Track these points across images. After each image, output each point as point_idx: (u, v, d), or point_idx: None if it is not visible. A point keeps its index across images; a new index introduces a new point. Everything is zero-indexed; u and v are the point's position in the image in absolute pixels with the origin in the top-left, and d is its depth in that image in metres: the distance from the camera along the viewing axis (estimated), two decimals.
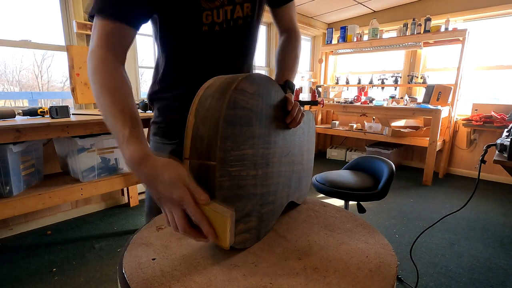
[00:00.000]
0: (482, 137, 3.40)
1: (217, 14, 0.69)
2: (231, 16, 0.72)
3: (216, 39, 0.73)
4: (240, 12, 0.72)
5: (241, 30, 0.76)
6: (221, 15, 0.70)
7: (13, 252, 1.83)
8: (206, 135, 0.48)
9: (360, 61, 4.51)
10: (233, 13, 0.72)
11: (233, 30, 0.74)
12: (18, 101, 2.49)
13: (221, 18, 0.70)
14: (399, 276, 1.62)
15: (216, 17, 0.70)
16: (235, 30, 0.74)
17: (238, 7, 0.72)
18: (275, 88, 0.61)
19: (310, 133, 0.82)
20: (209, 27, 0.70)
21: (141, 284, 0.46)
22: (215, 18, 0.70)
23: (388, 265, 0.52)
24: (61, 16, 2.17)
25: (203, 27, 0.70)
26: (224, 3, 0.70)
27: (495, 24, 3.36)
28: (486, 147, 1.03)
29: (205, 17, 0.69)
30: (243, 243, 0.56)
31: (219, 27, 0.71)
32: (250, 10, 0.74)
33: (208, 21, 0.70)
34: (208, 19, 0.69)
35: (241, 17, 0.73)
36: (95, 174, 1.90)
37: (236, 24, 0.73)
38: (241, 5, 0.72)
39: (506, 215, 2.45)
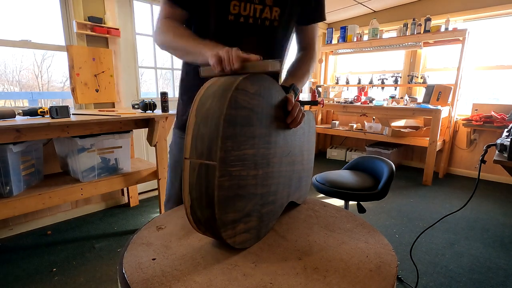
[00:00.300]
0: (482, 137, 3.40)
1: (244, 7, 0.75)
2: (259, 14, 0.77)
3: (241, 30, 0.77)
4: (268, 13, 0.77)
5: (267, 31, 0.80)
6: (248, 9, 0.75)
7: (13, 252, 1.83)
8: (207, 135, 0.48)
9: (360, 61, 4.51)
10: (262, 13, 0.77)
11: (259, 28, 0.78)
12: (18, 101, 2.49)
13: (248, 12, 0.76)
14: (399, 276, 1.62)
15: (243, 9, 0.75)
16: (261, 29, 0.79)
17: (267, 8, 0.77)
18: (276, 88, 0.61)
19: (310, 133, 0.82)
20: (235, 17, 0.76)
21: (141, 284, 0.46)
22: (241, 11, 0.75)
23: (388, 265, 0.52)
24: (61, 16, 2.17)
25: (229, 16, 0.75)
26: (254, 1, 0.75)
27: (495, 24, 3.36)
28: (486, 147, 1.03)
29: (233, 6, 0.75)
30: (243, 243, 0.56)
31: (244, 19, 0.76)
32: (279, 15, 0.79)
33: (235, 11, 0.75)
34: (236, 9, 0.75)
35: (268, 18, 0.78)
36: (95, 174, 1.90)
37: (263, 23, 0.78)
38: (270, 8, 0.77)
39: (506, 215, 2.45)
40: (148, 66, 2.81)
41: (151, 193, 2.81)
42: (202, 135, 0.49)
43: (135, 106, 2.20)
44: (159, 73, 3.05)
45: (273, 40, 0.83)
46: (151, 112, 1.99)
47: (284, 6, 0.78)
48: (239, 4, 0.74)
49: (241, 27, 0.77)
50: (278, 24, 0.79)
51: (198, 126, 0.50)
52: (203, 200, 0.50)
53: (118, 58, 2.42)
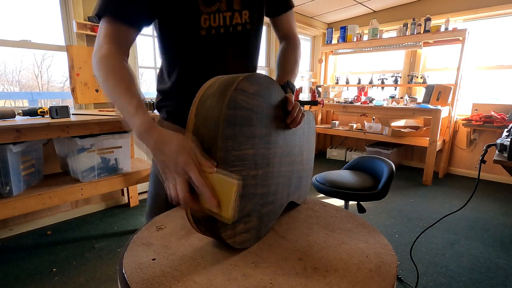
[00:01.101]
0: (482, 137, 3.40)
1: (214, 19, 0.72)
2: (230, 22, 0.74)
3: (214, 43, 0.74)
4: (238, 18, 0.75)
5: (241, 36, 0.77)
6: (217, 19, 0.72)
7: (13, 252, 1.83)
8: (207, 135, 0.48)
9: (360, 61, 4.51)
10: (232, 20, 0.74)
11: (232, 36, 0.76)
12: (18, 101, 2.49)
13: (217, 23, 0.73)
14: (399, 276, 1.62)
15: (213, 21, 0.72)
16: (235, 36, 0.76)
17: (237, 14, 0.74)
18: (275, 88, 0.61)
19: (310, 133, 0.82)
20: (206, 31, 0.72)
21: (141, 284, 0.46)
22: (211, 22, 0.72)
23: (388, 265, 0.52)
24: (61, 16, 2.17)
25: (201, 32, 0.72)
26: (222, 9, 0.72)
27: (495, 24, 3.36)
28: (486, 147, 1.03)
29: (203, 21, 0.71)
30: (243, 243, 0.56)
31: (216, 31, 0.73)
32: (249, 17, 0.76)
33: (206, 25, 0.72)
34: (206, 23, 0.72)
35: (240, 23, 0.75)
36: (95, 174, 1.90)
37: (235, 30, 0.76)
38: (239, 12, 0.74)
39: (506, 215, 2.45)
40: (148, 66, 2.81)
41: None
42: (202, 135, 0.49)
43: None
44: None
45: (249, 44, 0.81)
46: (151, 112, 1.99)
47: (252, 7, 0.76)
48: (208, 17, 0.71)
49: (215, 40, 0.74)
50: (250, 26, 0.78)
51: (197, 126, 0.50)
52: None
53: None
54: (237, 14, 0.74)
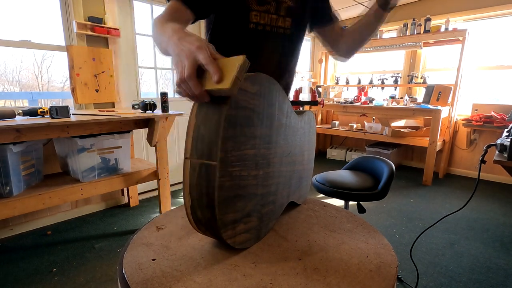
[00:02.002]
0: (482, 137, 3.40)
1: (262, 17, 0.86)
2: (275, 23, 0.88)
3: (260, 37, 0.87)
4: (281, 23, 0.89)
5: (281, 38, 0.91)
6: (266, 18, 0.86)
7: (13, 252, 1.83)
8: (207, 135, 0.48)
9: (360, 61, 4.51)
10: (277, 22, 0.89)
11: (274, 35, 0.89)
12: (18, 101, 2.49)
13: (265, 21, 0.87)
14: (399, 276, 1.62)
15: (262, 18, 0.86)
16: (276, 36, 0.89)
17: (281, 19, 0.88)
18: (276, 88, 0.61)
19: (310, 133, 0.82)
20: (255, 25, 0.85)
21: (141, 284, 0.46)
22: (260, 19, 0.86)
23: (388, 265, 0.52)
24: (61, 16, 2.17)
25: (250, 25, 0.85)
26: (271, 11, 0.86)
27: (495, 24, 3.36)
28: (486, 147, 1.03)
29: (253, 16, 0.85)
30: (243, 243, 0.56)
31: (262, 27, 0.87)
32: (290, 25, 0.90)
33: (256, 20, 0.85)
34: (256, 18, 0.85)
35: (281, 27, 0.89)
36: (95, 174, 1.90)
37: (278, 31, 0.89)
38: (283, 18, 0.89)
39: (506, 215, 2.45)
40: (148, 66, 2.81)
41: (151, 193, 2.81)
42: (203, 135, 0.49)
43: (135, 106, 2.20)
44: (159, 73, 3.05)
45: (286, 47, 0.94)
46: (151, 112, 1.99)
47: (295, 17, 0.91)
48: (258, 14, 0.85)
49: (260, 34, 0.87)
50: (290, 32, 0.91)
51: (198, 126, 0.50)
52: (203, 200, 0.50)
53: (118, 58, 2.42)
54: (282, 19, 0.88)
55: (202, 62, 0.47)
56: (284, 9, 0.88)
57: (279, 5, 0.87)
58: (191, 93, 0.49)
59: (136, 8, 2.56)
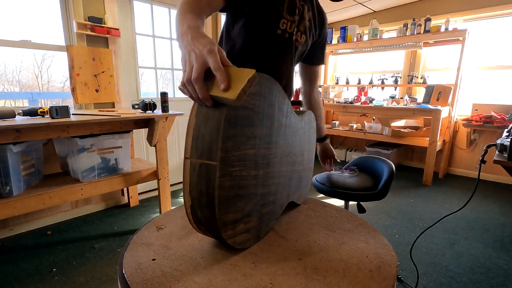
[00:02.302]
0: (482, 137, 3.40)
1: (290, 26, 0.91)
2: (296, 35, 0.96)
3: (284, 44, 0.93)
4: (299, 37, 0.97)
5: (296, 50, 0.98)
6: (292, 27, 0.92)
7: (13, 252, 1.83)
8: (208, 135, 0.48)
9: (360, 61, 4.51)
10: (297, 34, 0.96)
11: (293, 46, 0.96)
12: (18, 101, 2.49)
13: (292, 30, 0.93)
14: (399, 276, 1.62)
15: (289, 27, 0.91)
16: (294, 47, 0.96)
17: (299, 33, 0.96)
18: (276, 88, 0.61)
19: (311, 133, 0.82)
20: (282, 32, 0.91)
21: (141, 284, 0.46)
22: (288, 28, 0.91)
23: (388, 265, 0.52)
24: (61, 16, 2.17)
25: (277, 30, 0.90)
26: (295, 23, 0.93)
27: (495, 24, 3.36)
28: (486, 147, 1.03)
29: (282, 23, 0.90)
30: (243, 243, 0.56)
31: (288, 35, 0.92)
32: (304, 42, 0.99)
33: (283, 28, 0.90)
34: (284, 26, 0.90)
35: (298, 41, 0.97)
36: (95, 174, 1.90)
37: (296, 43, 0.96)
38: (301, 33, 0.97)
39: (506, 215, 2.45)
40: (148, 66, 2.81)
41: (151, 193, 2.81)
42: (203, 135, 0.49)
43: (135, 106, 2.20)
44: (159, 73, 3.05)
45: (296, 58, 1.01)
46: (151, 112, 1.99)
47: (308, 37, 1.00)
48: (286, 22, 0.90)
49: (284, 41, 0.92)
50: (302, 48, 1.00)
51: (198, 126, 0.50)
52: (203, 200, 0.50)
53: (118, 58, 2.42)
54: (300, 34, 0.96)
55: (212, 66, 0.46)
56: (304, 26, 0.96)
57: (301, 21, 0.94)
58: (195, 95, 0.48)
59: (136, 8, 2.56)
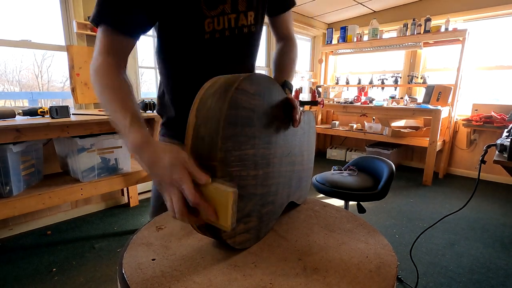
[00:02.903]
0: (482, 137, 3.40)
1: (217, 22, 0.70)
2: (235, 24, 0.72)
3: (218, 46, 0.73)
4: (244, 20, 0.73)
5: (246, 38, 0.77)
6: (222, 22, 0.71)
7: (13, 252, 1.83)
8: (207, 135, 0.48)
9: (360, 61, 4.51)
10: (237, 21, 0.73)
11: (238, 38, 0.74)
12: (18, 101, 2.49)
13: (222, 26, 0.71)
14: (399, 277, 1.62)
15: (217, 24, 0.70)
16: (240, 38, 0.75)
17: (242, 15, 0.72)
18: (276, 88, 0.61)
19: (310, 133, 0.82)
20: (210, 34, 0.71)
21: (141, 284, 0.46)
22: (215, 26, 0.70)
23: (388, 265, 0.52)
24: (61, 16, 2.17)
25: (205, 35, 0.71)
26: (227, 11, 0.70)
27: (495, 24, 3.36)
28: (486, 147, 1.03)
29: (207, 25, 0.70)
30: (243, 243, 0.56)
31: (220, 34, 0.72)
32: (254, 19, 0.75)
33: (210, 29, 0.70)
34: (210, 27, 0.70)
35: (245, 25, 0.74)
36: (95, 174, 1.90)
37: (241, 32, 0.74)
38: (245, 14, 0.73)
39: (506, 215, 2.45)
40: (148, 66, 2.81)
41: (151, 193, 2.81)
42: (202, 135, 0.49)
43: None
44: None
45: (253, 45, 0.81)
46: (151, 112, 1.99)
47: (256, 8, 0.75)
48: (212, 21, 0.70)
49: (218, 43, 0.72)
50: (255, 27, 0.77)
51: (198, 126, 0.49)
52: None
53: None
54: (243, 16, 0.73)
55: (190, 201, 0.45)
56: (244, 2, 0.72)
57: (236, 0, 0.71)
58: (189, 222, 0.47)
59: None
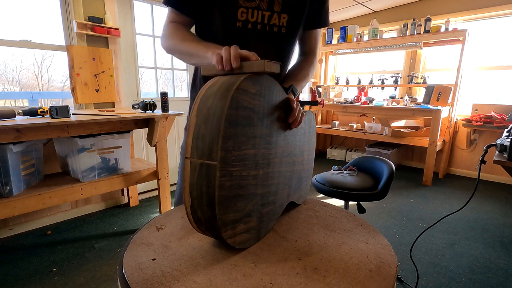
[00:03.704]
0: (482, 137, 3.40)
1: (252, 14, 0.77)
2: (268, 21, 0.79)
3: (248, 36, 0.79)
4: (276, 20, 0.79)
5: (275, 38, 0.81)
6: (256, 15, 0.77)
7: (13, 252, 1.83)
8: (208, 135, 0.48)
9: (360, 61, 4.51)
10: (270, 19, 0.79)
11: (267, 34, 0.80)
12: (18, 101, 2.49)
13: (255, 18, 0.78)
14: (399, 276, 1.62)
15: (251, 16, 0.77)
16: (269, 35, 0.81)
17: (276, 15, 0.79)
18: (277, 88, 0.61)
19: (310, 134, 0.82)
20: (242, 23, 0.77)
21: (141, 284, 0.46)
22: (249, 17, 0.77)
23: (388, 265, 0.52)
24: (61, 16, 2.17)
25: (237, 23, 0.77)
26: (262, 7, 0.77)
27: (495, 24, 3.36)
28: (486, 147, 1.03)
29: (240, 14, 0.77)
30: (243, 243, 0.56)
31: (252, 25, 0.78)
32: (287, 22, 0.81)
33: (243, 18, 0.77)
34: (243, 16, 0.77)
35: (276, 25, 0.80)
36: (95, 174, 1.90)
37: (271, 30, 0.80)
38: (278, 14, 0.79)
39: (506, 215, 2.45)
40: (148, 66, 2.81)
41: (151, 193, 2.81)
42: (203, 135, 0.49)
43: (135, 106, 2.20)
44: (159, 73, 3.05)
45: (280, 46, 0.84)
46: (151, 112, 1.99)
47: (292, 13, 0.80)
48: (246, 11, 0.76)
49: (249, 33, 0.79)
50: (285, 30, 0.81)
51: (199, 126, 0.50)
52: (203, 200, 0.50)
53: (118, 58, 2.42)
54: (276, 16, 0.78)
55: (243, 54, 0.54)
56: (280, 4, 0.78)
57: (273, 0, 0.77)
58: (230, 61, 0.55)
59: (136, 8, 2.56)
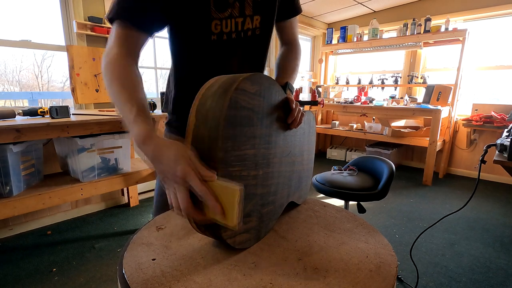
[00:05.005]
0: (482, 137, 3.40)
1: (226, 24, 0.73)
2: (241, 27, 0.75)
3: (225, 48, 0.75)
4: (250, 24, 0.76)
5: (251, 41, 0.78)
6: (229, 25, 0.73)
7: (13, 252, 1.83)
8: (207, 135, 0.48)
9: (360, 61, 4.51)
10: (244, 25, 0.75)
11: (243, 41, 0.77)
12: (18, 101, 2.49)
13: (229, 28, 0.73)
14: (399, 276, 1.62)
15: (225, 27, 0.73)
16: (245, 41, 0.77)
17: (248, 19, 0.75)
18: (276, 88, 0.61)
19: (310, 133, 0.82)
20: (217, 36, 0.73)
21: (141, 284, 0.46)
22: (223, 28, 0.73)
23: (388, 265, 0.52)
24: (61, 16, 2.17)
25: (211, 36, 0.73)
26: (235, 14, 0.73)
27: (495, 24, 3.36)
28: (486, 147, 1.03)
29: (214, 26, 0.72)
30: (243, 243, 0.56)
31: (227, 36, 0.74)
32: (259, 23, 0.77)
33: (217, 31, 0.72)
34: (217, 28, 0.72)
35: (250, 28, 0.76)
36: (95, 174, 1.90)
37: (246, 35, 0.76)
38: (251, 18, 0.75)
39: (506, 215, 2.45)
40: (148, 66, 2.81)
41: (151, 193, 2.81)
42: (202, 135, 0.49)
43: None
44: (159, 73, 3.05)
45: (257, 49, 0.82)
46: (151, 112, 1.99)
47: (264, 12, 0.77)
48: (220, 23, 0.72)
49: (225, 45, 0.75)
50: (260, 31, 0.79)
51: (198, 126, 0.50)
52: None
53: None
54: (249, 19, 0.75)
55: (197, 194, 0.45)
56: (250, 6, 0.74)
57: (244, 3, 0.73)
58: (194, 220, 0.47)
59: None
